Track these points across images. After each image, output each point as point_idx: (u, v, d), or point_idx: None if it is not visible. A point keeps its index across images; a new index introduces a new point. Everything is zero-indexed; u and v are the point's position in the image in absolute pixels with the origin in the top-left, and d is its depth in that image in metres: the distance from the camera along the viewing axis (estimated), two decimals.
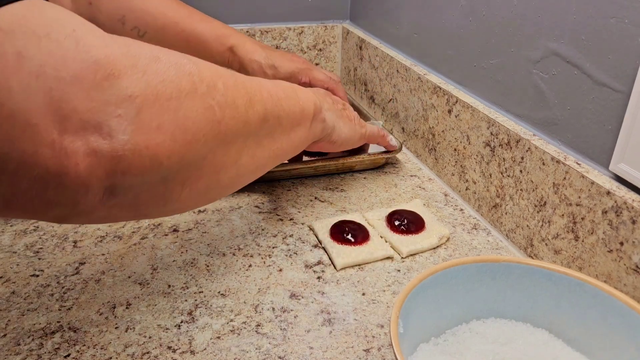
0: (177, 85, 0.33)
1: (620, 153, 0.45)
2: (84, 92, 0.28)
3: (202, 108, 0.35)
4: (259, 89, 0.43)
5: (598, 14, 0.46)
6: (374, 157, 0.69)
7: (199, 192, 0.38)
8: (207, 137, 0.36)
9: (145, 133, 0.31)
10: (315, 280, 0.52)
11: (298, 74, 0.76)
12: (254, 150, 0.42)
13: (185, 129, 0.33)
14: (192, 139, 0.34)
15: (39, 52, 0.27)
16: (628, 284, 0.44)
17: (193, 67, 0.35)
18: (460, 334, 0.42)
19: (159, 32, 0.71)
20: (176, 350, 0.43)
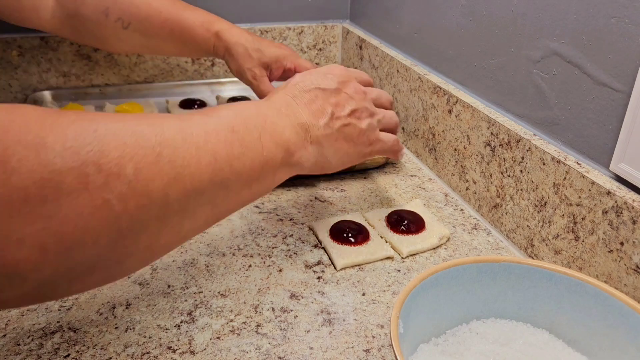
0: (57, 184, 0.26)
1: (620, 153, 0.45)
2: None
3: (91, 207, 0.28)
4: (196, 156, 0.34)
5: (598, 13, 0.46)
6: (374, 157, 0.69)
7: (98, 282, 0.33)
8: (100, 236, 0.29)
9: (0, 249, 0.25)
10: (315, 281, 0.52)
11: (283, 59, 0.75)
12: (180, 226, 0.35)
13: (61, 237, 0.27)
14: (72, 245, 0.28)
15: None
16: (628, 284, 0.44)
17: (92, 152, 0.28)
18: (460, 334, 0.42)
19: (143, 22, 0.70)
20: (176, 350, 0.43)
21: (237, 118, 0.39)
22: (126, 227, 0.30)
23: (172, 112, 0.85)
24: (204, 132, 0.36)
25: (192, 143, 0.34)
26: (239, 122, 0.39)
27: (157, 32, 0.72)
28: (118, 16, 0.69)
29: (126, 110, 0.83)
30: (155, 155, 0.31)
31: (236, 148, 0.38)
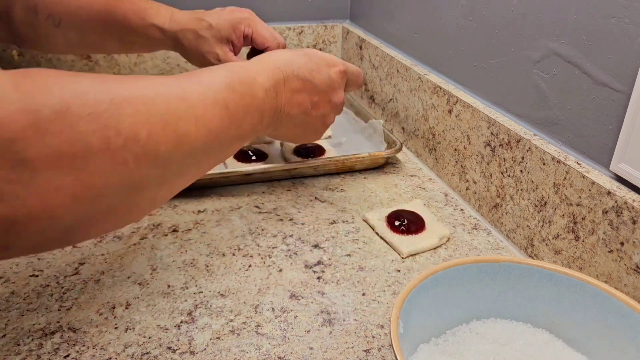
0: (85, 144, 0.30)
1: (620, 153, 0.45)
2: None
3: (112, 164, 0.32)
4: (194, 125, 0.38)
5: (598, 13, 0.46)
6: (374, 157, 0.69)
7: (107, 229, 0.38)
8: (116, 189, 0.33)
9: (41, 196, 0.29)
10: (315, 281, 0.51)
11: (240, 24, 0.67)
12: (175, 183, 0.40)
13: (89, 187, 0.31)
14: (97, 194, 0.32)
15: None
16: (628, 284, 0.44)
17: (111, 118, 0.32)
18: (460, 334, 0.42)
19: (74, 17, 0.64)
20: (176, 350, 0.43)
21: (233, 94, 0.43)
22: (138, 182, 0.35)
23: None
24: (203, 105, 0.39)
25: (193, 115, 0.38)
26: (232, 99, 0.42)
27: (92, 28, 0.65)
28: (48, 13, 0.63)
29: None
30: (164, 123, 0.35)
31: (225, 124, 0.42)
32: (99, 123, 0.31)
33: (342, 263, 0.54)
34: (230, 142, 0.44)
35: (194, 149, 0.38)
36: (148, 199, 0.37)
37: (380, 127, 0.76)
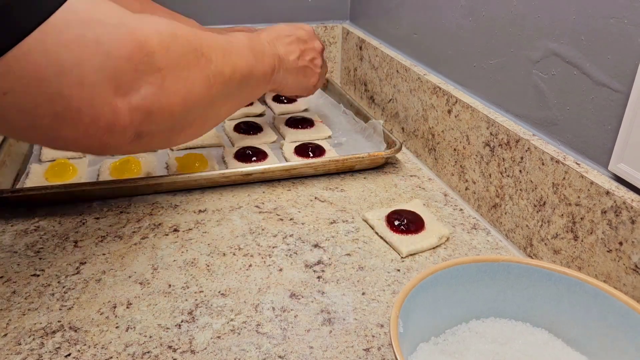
0: (187, 60, 0.44)
1: (619, 153, 0.45)
2: (133, 67, 0.38)
3: (201, 78, 0.46)
4: (239, 59, 0.53)
5: (598, 14, 0.47)
6: (373, 157, 0.69)
7: (189, 136, 0.51)
8: (204, 100, 0.47)
9: (167, 96, 0.42)
10: (315, 280, 0.52)
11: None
12: (230, 105, 0.56)
13: (191, 93, 0.45)
14: (195, 100, 0.46)
15: (109, 38, 0.37)
16: (627, 283, 0.44)
17: (197, 42, 0.46)
18: (460, 334, 0.42)
19: None
20: (177, 349, 0.43)
21: (251, 42, 0.58)
22: (214, 96, 0.49)
23: None
24: (240, 46, 0.55)
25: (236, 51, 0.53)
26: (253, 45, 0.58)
27: None
28: None
29: None
30: (224, 51, 0.50)
31: (252, 60, 0.56)
32: (192, 46, 0.45)
33: (342, 262, 0.54)
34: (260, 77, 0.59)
35: (242, 74, 0.53)
36: (216, 114, 0.53)
37: (380, 127, 0.76)
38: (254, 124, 0.81)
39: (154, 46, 0.40)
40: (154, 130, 0.43)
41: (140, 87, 0.39)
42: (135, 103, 0.39)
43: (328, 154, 0.72)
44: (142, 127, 0.41)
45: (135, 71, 0.39)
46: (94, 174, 0.69)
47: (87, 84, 0.36)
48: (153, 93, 0.40)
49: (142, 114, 0.40)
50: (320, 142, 0.76)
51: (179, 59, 0.43)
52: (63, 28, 0.35)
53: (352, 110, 0.85)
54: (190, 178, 0.65)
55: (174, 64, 0.42)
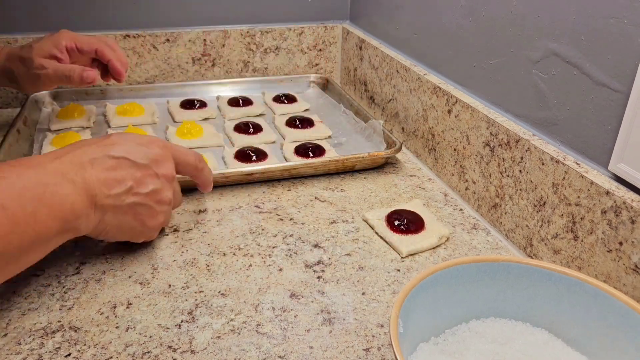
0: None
1: (619, 153, 0.45)
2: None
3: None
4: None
5: (597, 14, 0.47)
6: (373, 157, 0.69)
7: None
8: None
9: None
10: (315, 280, 0.52)
11: (60, 39, 0.71)
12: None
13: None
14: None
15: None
16: (627, 283, 0.44)
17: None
18: (459, 334, 0.42)
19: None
20: (177, 349, 0.43)
21: (10, 191, 0.39)
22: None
23: (173, 112, 0.86)
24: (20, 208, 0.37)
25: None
26: (11, 197, 0.39)
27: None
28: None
29: (127, 110, 0.84)
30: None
31: (4, 227, 0.38)
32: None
33: (342, 262, 0.54)
34: (27, 244, 0.40)
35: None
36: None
37: (380, 127, 0.76)
38: (254, 123, 0.81)
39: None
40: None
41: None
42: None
43: (328, 154, 0.72)
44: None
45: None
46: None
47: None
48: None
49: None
50: (320, 142, 0.76)
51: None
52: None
53: (352, 110, 0.85)
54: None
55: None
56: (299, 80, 0.98)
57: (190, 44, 0.95)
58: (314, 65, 1.03)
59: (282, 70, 1.02)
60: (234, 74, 0.99)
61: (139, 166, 0.48)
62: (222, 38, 0.96)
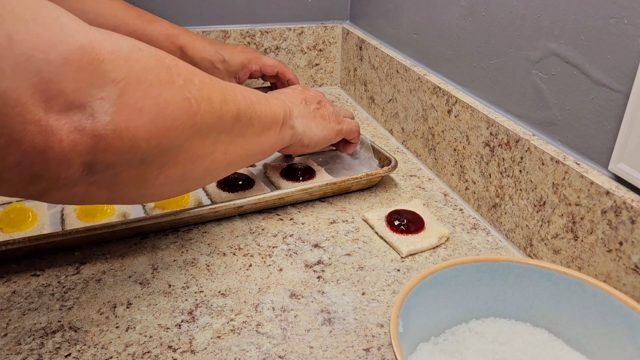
0: (157, 75, 0.35)
1: (619, 153, 0.45)
2: (71, 74, 0.30)
3: (180, 98, 0.37)
4: (232, 90, 0.45)
5: (597, 14, 0.47)
6: (371, 176, 0.65)
7: (174, 180, 0.40)
8: (185, 126, 0.38)
9: (126, 115, 0.33)
10: (315, 280, 0.52)
11: (248, 63, 0.80)
12: (227, 146, 0.44)
13: (165, 115, 0.36)
14: (171, 125, 0.36)
15: (29, 35, 0.28)
16: (627, 283, 0.44)
17: (171, 62, 0.38)
18: (459, 334, 0.42)
19: None
20: (177, 349, 0.43)
21: (247, 88, 0.50)
22: (199, 125, 0.39)
23: None
24: (231, 84, 0.47)
25: (226, 83, 0.45)
26: (247, 88, 0.50)
27: None
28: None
29: None
30: (209, 78, 0.42)
31: (254, 97, 0.49)
32: (163, 63, 0.37)
33: (342, 262, 0.54)
34: (268, 120, 0.50)
35: (238, 109, 0.44)
36: (207, 153, 0.42)
37: (368, 142, 0.73)
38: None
39: (104, 52, 0.32)
40: (114, 162, 0.34)
41: (86, 102, 0.31)
42: (78, 122, 0.31)
43: (319, 175, 0.67)
44: (95, 157, 0.32)
45: (76, 80, 0.30)
46: (56, 217, 0.59)
47: (2, 95, 0.28)
48: (105, 111, 0.32)
49: (90, 137, 0.31)
50: (307, 162, 0.70)
51: (143, 73, 0.34)
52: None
53: None
54: (177, 218, 0.57)
55: (135, 77, 0.34)
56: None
57: None
58: (314, 65, 1.03)
59: None
60: None
61: (299, 93, 0.63)
62: (222, 38, 0.95)
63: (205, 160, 0.42)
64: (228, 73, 0.79)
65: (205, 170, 0.43)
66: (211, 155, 0.43)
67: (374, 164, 0.71)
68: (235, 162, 0.47)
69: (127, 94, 0.33)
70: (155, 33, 0.73)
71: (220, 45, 0.79)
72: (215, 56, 0.77)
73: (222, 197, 0.63)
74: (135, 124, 0.34)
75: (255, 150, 0.50)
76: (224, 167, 0.46)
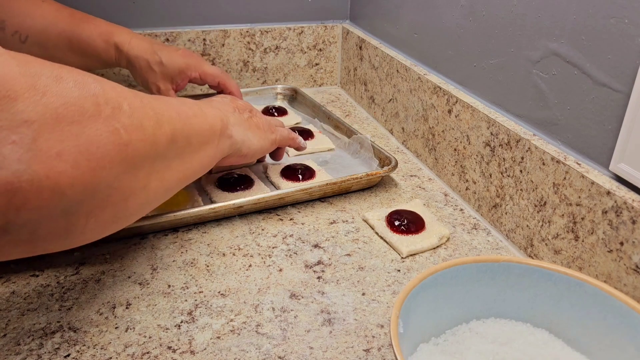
0: (79, 108, 0.32)
1: (620, 153, 0.45)
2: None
3: (107, 132, 0.33)
4: (166, 108, 0.42)
5: (598, 14, 0.47)
6: (371, 176, 0.65)
7: (106, 222, 0.37)
8: (114, 162, 0.34)
9: (44, 161, 0.29)
10: (315, 280, 0.52)
11: (187, 69, 0.75)
12: (163, 173, 0.41)
13: (89, 155, 0.32)
14: (96, 165, 0.33)
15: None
16: (628, 283, 0.44)
17: (98, 88, 0.34)
18: (460, 334, 0.42)
19: (41, 35, 0.68)
20: (176, 350, 0.43)
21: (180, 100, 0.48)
22: (131, 158, 0.36)
23: None
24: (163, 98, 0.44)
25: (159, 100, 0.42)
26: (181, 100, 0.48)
27: (55, 44, 0.69)
28: (15, 29, 0.66)
29: None
30: (140, 101, 0.38)
31: (189, 110, 0.46)
32: (88, 91, 0.33)
33: (342, 263, 0.54)
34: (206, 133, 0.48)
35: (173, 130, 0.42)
36: (142, 185, 0.38)
37: (369, 142, 0.72)
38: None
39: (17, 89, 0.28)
40: (32, 218, 0.30)
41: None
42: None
43: (319, 175, 0.67)
44: (7, 216, 0.28)
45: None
46: None
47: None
48: (18, 158, 0.28)
49: (2, 192, 0.27)
50: (308, 162, 0.70)
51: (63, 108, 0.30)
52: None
53: (331, 124, 0.81)
54: (176, 218, 0.56)
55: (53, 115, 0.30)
56: (265, 92, 0.95)
57: (190, 43, 0.94)
58: (314, 65, 1.03)
59: (282, 70, 1.02)
60: (234, 74, 0.99)
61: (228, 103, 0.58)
62: (222, 37, 0.95)
63: (139, 194, 0.39)
64: (163, 76, 0.74)
65: (141, 205, 0.40)
66: (146, 187, 0.39)
67: (374, 164, 0.71)
68: (172, 187, 0.44)
69: (44, 136, 0.29)
70: (86, 32, 0.70)
71: (161, 46, 0.75)
72: (152, 57, 0.73)
73: (221, 197, 0.62)
74: (56, 170, 0.30)
75: (194, 169, 0.47)
76: (161, 195, 0.43)
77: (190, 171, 0.47)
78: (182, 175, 0.45)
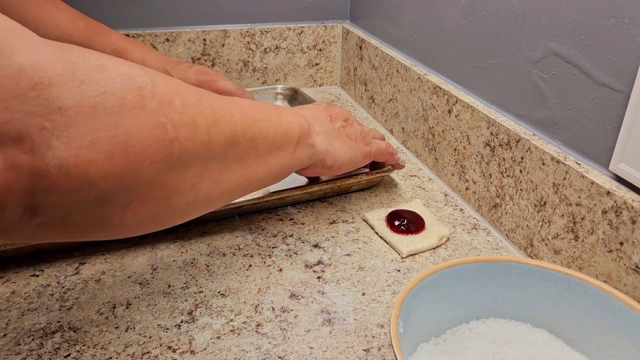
0: (120, 99, 0.30)
1: (620, 153, 0.45)
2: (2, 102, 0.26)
3: (149, 125, 0.32)
4: (229, 109, 0.40)
5: (598, 14, 0.47)
6: (371, 177, 0.65)
7: (147, 218, 0.35)
8: (155, 158, 0.32)
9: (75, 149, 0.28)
10: (315, 280, 0.52)
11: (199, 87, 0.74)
12: (219, 175, 0.39)
13: (126, 147, 0.30)
14: (134, 158, 0.31)
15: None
16: (628, 283, 0.44)
17: (146, 81, 0.32)
18: (460, 334, 0.42)
19: None
20: (176, 350, 0.43)
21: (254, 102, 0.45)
22: (177, 155, 0.34)
23: None
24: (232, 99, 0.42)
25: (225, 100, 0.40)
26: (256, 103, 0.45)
27: None
28: None
29: None
30: (197, 98, 0.36)
31: (261, 113, 0.44)
32: (134, 83, 0.31)
33: (342, 263, 0.54)
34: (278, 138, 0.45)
35: (235, 132, 0.39)
36: (190, 186, 0.36)
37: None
38: None
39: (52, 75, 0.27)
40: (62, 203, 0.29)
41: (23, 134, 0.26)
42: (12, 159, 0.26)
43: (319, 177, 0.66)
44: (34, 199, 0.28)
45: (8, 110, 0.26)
46: None
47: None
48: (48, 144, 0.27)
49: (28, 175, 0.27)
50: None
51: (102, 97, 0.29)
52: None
53: None
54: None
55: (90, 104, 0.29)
56: (264, 93, 0.94)
57: (190, 43, 0.94)
58: (314, 65, 1.03)
59: (282, 70, 1.02)
60: (234, 74, 0.99)
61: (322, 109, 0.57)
62: (222, 37, 0.95)
63: (186, 194, 0.36)
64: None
65: (190, 204, 0.38)
66: (196, 187, 0.37)
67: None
68: (232, 191, 0.42)
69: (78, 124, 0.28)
70: (99, 47, 0.68)
71: (173, 64, 0.73)
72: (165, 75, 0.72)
73: None
74: (86, 159, 0.29)
75: (260, 176, 0.44)
76: (217, 198, 0.40)
77: (255, 177, 0.43)
78: (244, 180, 0.42)
